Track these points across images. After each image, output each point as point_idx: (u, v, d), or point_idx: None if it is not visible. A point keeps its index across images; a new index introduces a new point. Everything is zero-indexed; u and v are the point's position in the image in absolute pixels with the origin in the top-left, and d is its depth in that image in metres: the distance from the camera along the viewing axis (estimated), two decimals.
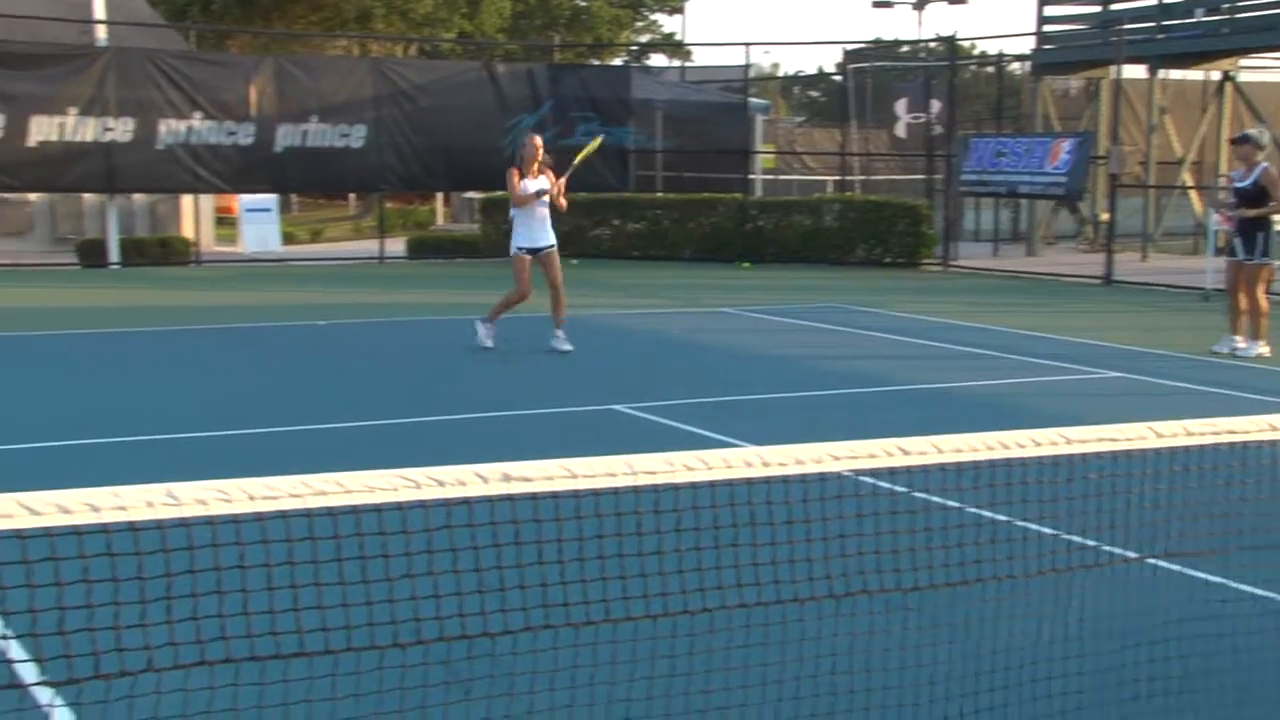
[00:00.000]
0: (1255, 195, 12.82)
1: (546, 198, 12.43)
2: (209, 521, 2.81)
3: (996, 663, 3.97)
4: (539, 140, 12.83)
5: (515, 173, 12.51)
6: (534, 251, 12.54)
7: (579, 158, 13.13)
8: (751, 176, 26.10)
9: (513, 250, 12.63)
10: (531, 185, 12.44)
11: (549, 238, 12.61)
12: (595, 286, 19.22)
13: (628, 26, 47.31)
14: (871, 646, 3.81)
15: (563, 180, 12.65)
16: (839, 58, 44.79)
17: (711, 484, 3.36)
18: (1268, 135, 13.55)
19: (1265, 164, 12.97)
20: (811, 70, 64.71)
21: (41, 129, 19.96)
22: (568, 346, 12.50)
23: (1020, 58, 26.79)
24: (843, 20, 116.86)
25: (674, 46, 46.63)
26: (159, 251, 21.93)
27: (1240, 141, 13.34)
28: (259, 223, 25.12)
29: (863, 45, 32.09)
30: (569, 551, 3.31)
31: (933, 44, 31.92)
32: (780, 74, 49.25)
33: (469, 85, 23.11)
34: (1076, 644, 4.06)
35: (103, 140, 20.37)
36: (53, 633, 2.72)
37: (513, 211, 12.66)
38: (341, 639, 3.06)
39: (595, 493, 3.21)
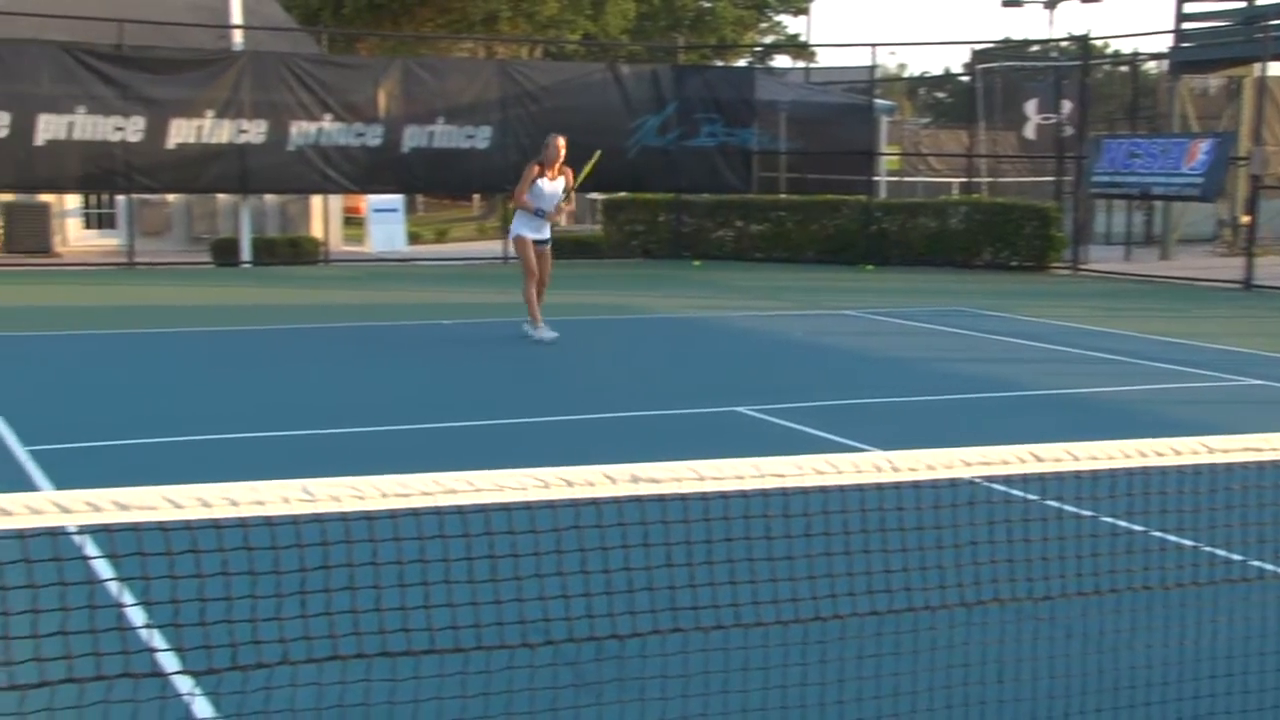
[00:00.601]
0: None
1: (553, 205, 12.94)
2: (343, 518, 2.84)
3: (1136, 678, 3.86)
4: (562, 141, 13.13)
5: (535, 168, 12.93)
6: (537, 242, 12.98)
7: (583, 174, 13.34)
8: (876, 178, 25.84)
9: (513, 234, 13.18)
10: (546, 188, 12.87)
11: (548, 233, 13.15)
12: (717, 288, 19.19)
13: (752, 27, 47.17)
14: (1004, 656, 3.73)
15: (572, 191, 13.09)
16: (967, 58, 44.18)
17: (841, 488, 3.32)
18: None
19: None
20: (938, 71, 63.94)
21: (180, 132, 20.51)
22: (552, 334, 12.79)
23: (1157, 56, 26.12)
24: (971, 20, 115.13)
25: (798, 47, 46.37)
26: (289, 251, 22.39)
27: None
28: (386, 223, 25.51)
29: (992, 45, 31.58)
30: (697, 554, 3.29)
31: (1065, 43, 31.31)
32: (906, 75, 48.73)
33: (593, 86, 23.20)
34: (1224, 662, 3.92)
35: (237, 142, 20.86)
36: (194, 624, 2.77)
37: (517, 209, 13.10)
38: (471, 637, 3.07)
39: (724, 495, 3.19)
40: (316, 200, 23.98)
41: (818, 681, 3.60)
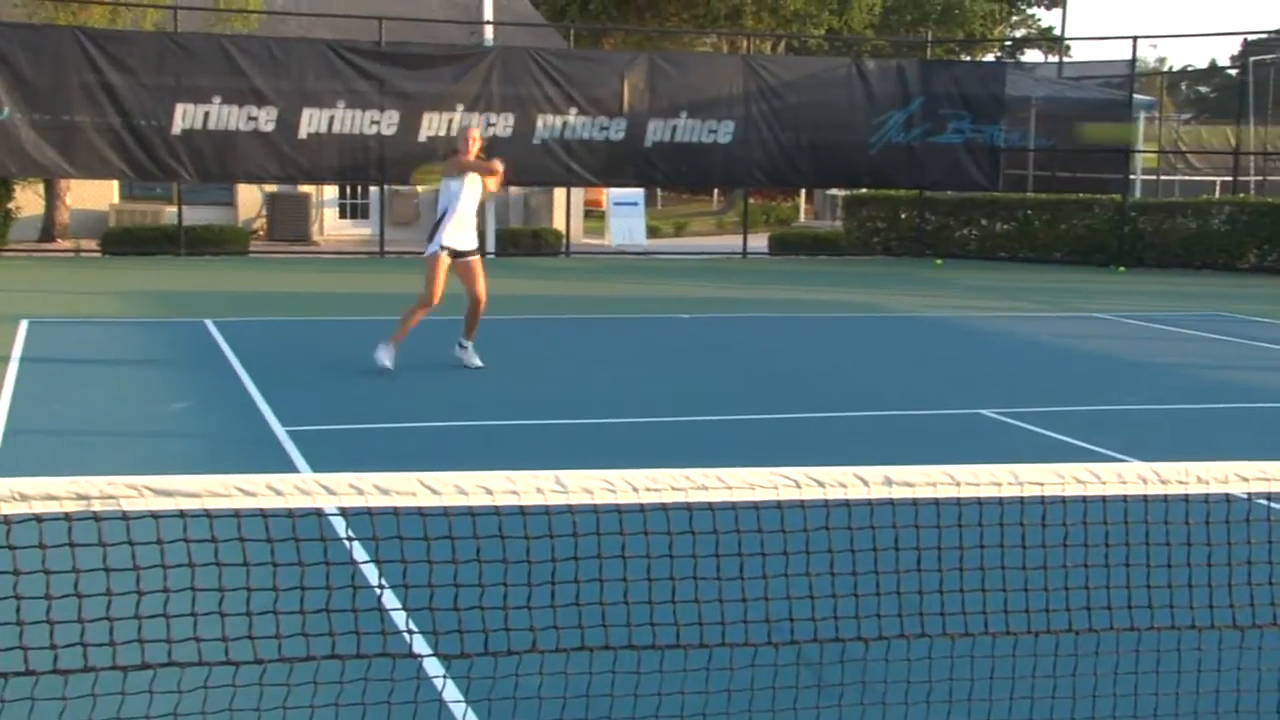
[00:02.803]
0: None
1: (477, 190, 10.76)
2: (594, 509, 2.85)
3: None
4: (475, 133, 11.12)
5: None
6: (456, 254, 10.87)
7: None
8: (1132, 177, 24.87)
9: (429, 250, 10.90)
10: (453, 185, 10.75)
11: (474, 241, 11.05)
12: (960, 288, 18.77)
13: (1003, 21, 45.98)
14: None
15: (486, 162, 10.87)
16: (1237, 49, 42.11)
17: (1103, 499, 3.17)
18: None
19: None
20: (1202, 64, 61.09)
21: (431, 125, 21.18)
22: (477, 361, 10.91)
23: None
24: (1241, 8, 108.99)
25: (1052, 41, 44.99)
26: (531, 243, 22.88)
27: None
28: (626, 216, 25.83)
29: (1266, 35, 29.97)
30: (949, 560, 3.19)
31: None
32: (1167, 69, 46.76)
33: (837, 82, 22.99)
34: None
35: (485, 135, 21.39)
36: (448, 609, 2.83)
37: (441, 206, 10.94)
38: (716, 634, 3.05)
39: (979, 501, 3.08)
40: (559, 193, 24.44)
41: (1068, 695, 3.45)
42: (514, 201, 25.16)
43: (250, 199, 24.22)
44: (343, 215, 25.96)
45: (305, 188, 23.86)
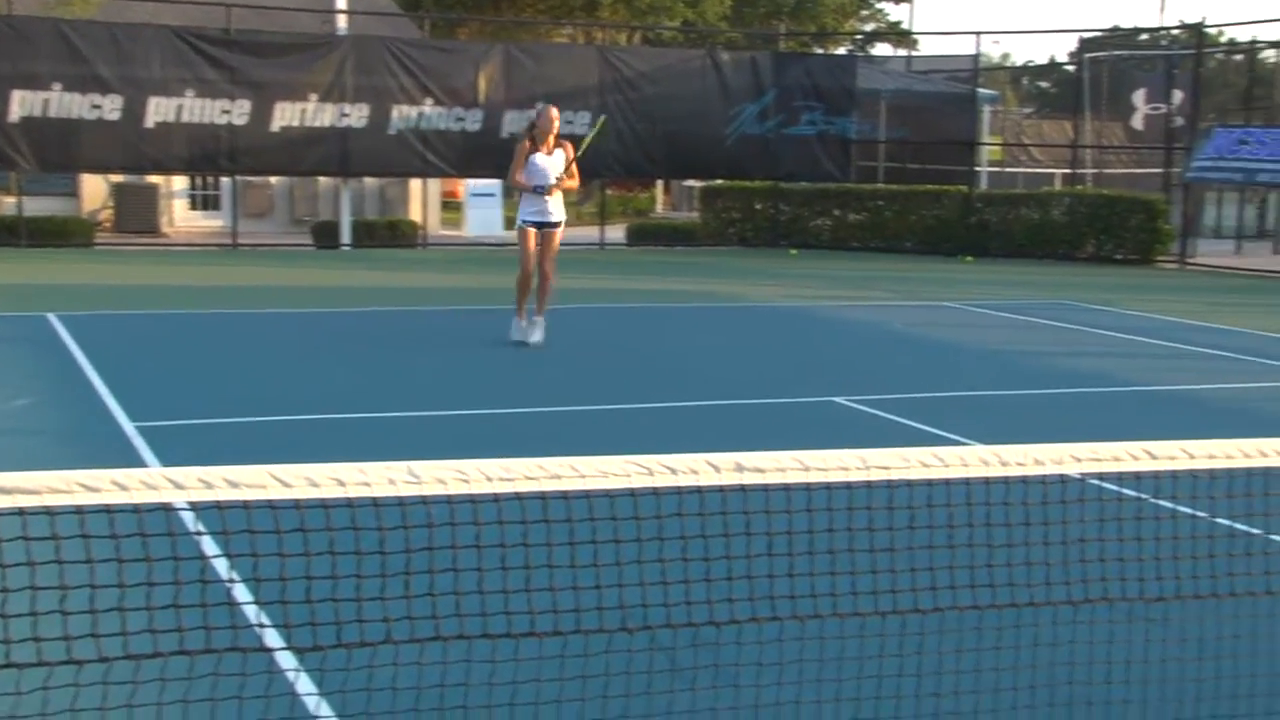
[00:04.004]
0: None
1: (549, 181, 11.53)
2: (448, 500, 2.86)
3: (1256, 686, 3.75)
4: (555, 112, 11.77)
5: (525, 147, 11.66)
6: (539, 225, 11.72)
7: (585, 142, 12.24)
8: (977, 169, 25.51)
9: (517, 223, 11.88)
10: (540, 161, 11.51)
11: (553, 215, 11.78)
12: (814, 277, 19.07)
13: (853, 15, 46.75)
14: (1112, 657, 3.65)
15: (573, 165, 11.67)
16: (1074, 46, 43.33)
17: (946, 481, 3.27)
18: None
19: None
20: (1043, 60, 62.85)
21: (284, 115, 20.82)
22: (538, 337, 11.71)
23: (1276, 44, 25.47)
24: (1079, 7, 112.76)
25: (900, 35, 45.88)
26: (388, 234, 22.64)
27: None
28: (483, 207, 25.71)
29: (1100, 33, 30.97)
30: (799, 544, 3.26)
31: (1176, 31, 30.64)
32: (1010, 64, 47.98)
33: (693, 73, 23.17)
34: None
35: (339, 126, 21.13)
36: (300, 601, 2.80)
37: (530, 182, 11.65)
38: (571, 621, 3.08)
39: (828, 486, 3.16)
40: (415, 184, 24.22)
41: (914, 673, 3.56)
42: (370, 193, 24.86)
43: (95, 189, 23.53)
44: (193, 206, 25.38)
45: (153, 178, 23.26)
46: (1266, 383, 11.01)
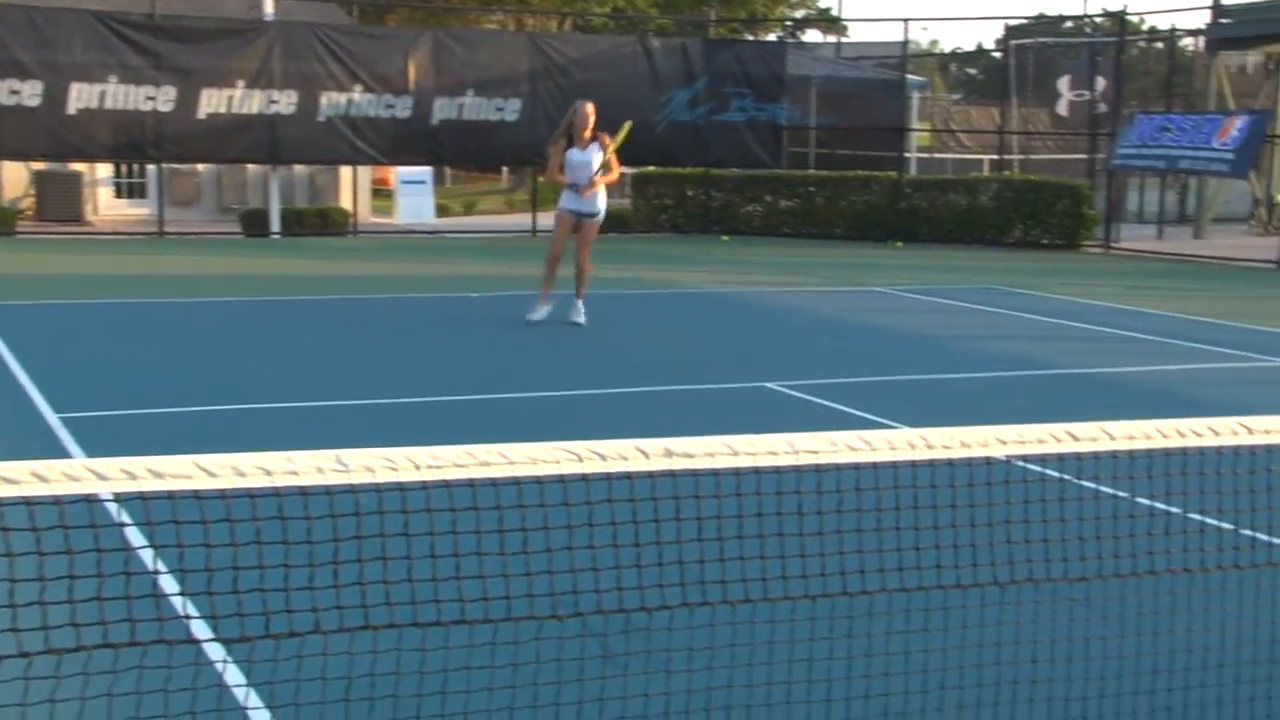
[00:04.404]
0: None
1: (587, 176, 12.07)
2: (376, 488, 2.84)
3: (1175, 662, 3.83)
4: (590, 108, 12.28)
5: (560, 145, 12.20)
6: (578, 215, 12.33)
7: (613, 146, 12.45)
8: (906, 155, 25.72)
9: (557, 209, 12.54)
10: (577, 156, 12.07)
11: (592, 207, 12.36)
12: (745, 263, 19.14)
13: (783, 2, 46.86)
14: (1037, 637, 3.71)
15: (612, 158, 12.25)
16: (1000, 34, 43.75)
17: (874, 465, 3.29)
18: None
19: None
20: (970, 47, 63.44)
21: (211, 102, 20.55)
22: (579, 319, 12.34)
23: (1194, 33, 25.87)
24: None
25: (830, 22, 46.08)
26: (318, 222, 22.44)
27: None
28: (414, 195, 25.54)
29: (1025, 21, 31.32)
30: (728, 529, 3.27)
31: (1100, 19, 31.03)
32: (938, 50, 48.38)
33: (623, 60, 23.14)
34: (1265, 647, 3.90)
35: (267, 113, 20.89)
36: (227, 592, 2.78)
37: (568, 175, 12.24)
38: (501, 608, 3.08)
39: (757, 471, 3.17)
40: (345, 171, 24.01)
41: (844, 656, 3.59)
42: (300, 180, 24.62)
43: (15, 177, 23.09)
44: (119, 194, 24.98)
45: (77, 166, 22.87)
46: (1186, 365, 11.20)
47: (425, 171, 25.42)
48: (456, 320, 13.15)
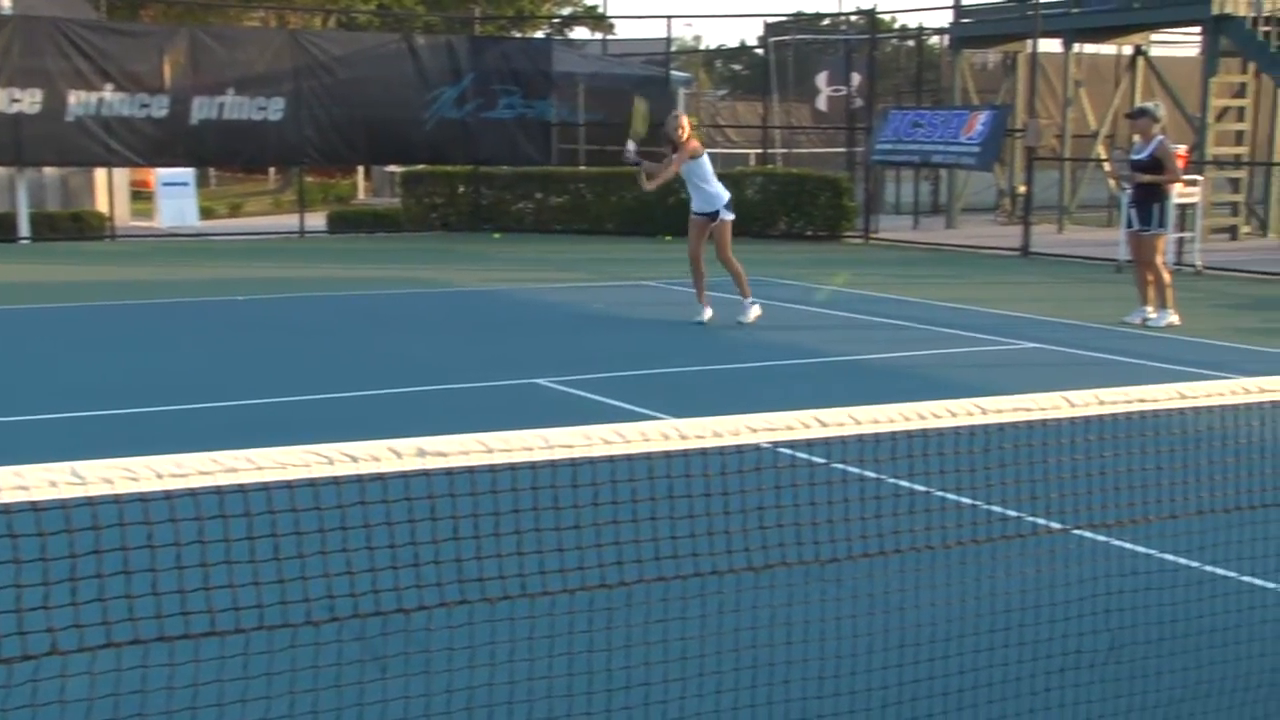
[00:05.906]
0: (1150, 167, 12.99)
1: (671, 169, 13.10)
2: (115, 500, 2.74)
3: (921, 635, 3.99)
4: (681, 118, 13.38)
5: (670, 155, 13.18)
6: (699, 216, 13.31)
7: (633, 127, 13.55)
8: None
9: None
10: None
11: (698, 205, 13.37)
12: (517, 260, 19.15)
13: None
14: (792, 618, 3.82)
15: (673, 158, 13.07)
16: (761, 31, 44.78)
17: (629, 457, 3.34)
18: (1163, 109, 13.73)
19: (1161, 137, 13.14)
20: (734, 43, 64.69)
21: None
22: (754, 315, 12.99)
23: (939, 31, 26.98)
24: None
25: (596, 19, 46.39)
26: (72, 226, 21.52)
27: (1136, 115, 13.47)
28: (176, 197, 24.73)
29: (784, 18, 32.12)
30: (485, 527, 3.27)
31: (853, 17, 32.06)
32: (703, 47, 49.20)
33: (388, 58, 22.87)
34: (1003, 616, 4.09)
35: (9, 111, 19.92)
36: None
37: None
38: (253, 617, 3.01)
39: (512, 467, 3.17)
40: (100, 173, 23.08)
41: (604, 648, 3.62)
42: (50, 183, 23.54)
43: None
44: None
45: None
46: (933, 350, 11.68)
47: (187, 173, 24.65)
48: (218, 325, 12.78)
